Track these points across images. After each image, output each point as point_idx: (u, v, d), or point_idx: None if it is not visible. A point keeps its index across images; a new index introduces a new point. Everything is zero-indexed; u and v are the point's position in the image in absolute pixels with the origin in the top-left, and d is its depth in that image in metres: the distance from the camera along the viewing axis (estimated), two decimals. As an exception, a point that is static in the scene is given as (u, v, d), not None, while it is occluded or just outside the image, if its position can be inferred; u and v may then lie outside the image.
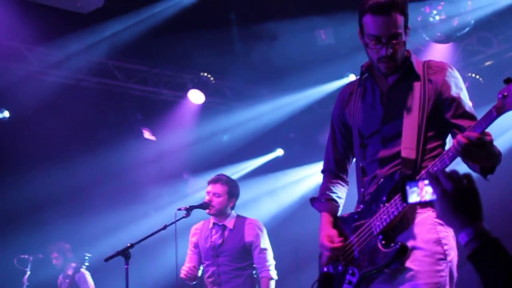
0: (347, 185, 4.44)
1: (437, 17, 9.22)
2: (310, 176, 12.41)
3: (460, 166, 3.13)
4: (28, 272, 9.41)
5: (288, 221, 11.94)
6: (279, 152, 12.84)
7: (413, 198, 2.62)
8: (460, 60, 10.61)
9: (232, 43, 10.70)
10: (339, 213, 4.31)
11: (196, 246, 6.99)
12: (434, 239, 3.74)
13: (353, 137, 4.21)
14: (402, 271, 3.73)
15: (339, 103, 4.33)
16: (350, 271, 3.96)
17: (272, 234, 7.21)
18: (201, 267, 6.93)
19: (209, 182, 6.91)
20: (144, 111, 11.66)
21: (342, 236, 4.08)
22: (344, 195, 4.40)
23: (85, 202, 11.29)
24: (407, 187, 2.61)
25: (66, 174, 10.82)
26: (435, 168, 3.52)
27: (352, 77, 11.37)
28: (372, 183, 4.01)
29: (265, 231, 6.84)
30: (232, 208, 6.93)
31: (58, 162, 10.82)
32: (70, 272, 9.84)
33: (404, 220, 3.75)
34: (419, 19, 9.32)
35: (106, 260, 6.19)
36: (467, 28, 9.28)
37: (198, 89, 11.27)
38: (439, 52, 10.34)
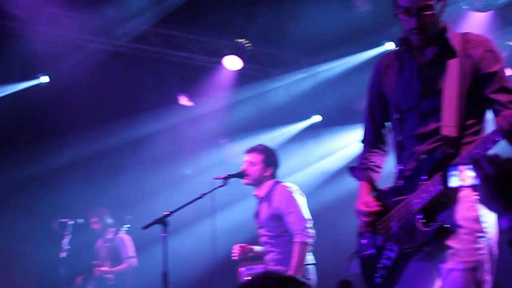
0: (387, 154, 4.41)
1: (477, -14, 9.11)
2: (348, 143, 12.39)
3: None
4: (69, 236, 9.48)
5: (326, 189, 11.93)
6: (316, 118, 12.77)
7: (454, 182, 2.60)
8: (500, 28, 10.45)
9: (269, 9, 10.63)
10: (378, 182, 4.29)
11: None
12: (474, 216, 3.71)
13: (390, 110, 4.18)
14: (442, 249, 3.72)
15: (375, 74, 4.28)
16: (389, 247, 3.95)
17: (310, 203, 7.14)
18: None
19: (246, 152, 6.85)
20: (181, 77, 11.65)
21: (379, 211, 4.07)
22: (383, 164, 4.37)
23: (124, 166, 11.41)
24: (448, 171, 2.59)
25: (104, 139, 10.91)
26: (477, 151, 3.42)
27: (388, 46, 11.28)
28: (411, 158, 3.96)
29: (289, 193, 6.52)
30: (271, 176, 6.80)
31: (96, 127, 10.93)
32: (109, 236, 9.95)
33: (445, 198, 3.68)
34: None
35: (144, 228, 6.22)
36: (507, -4, 9.14)
37: (234, 55, 11.22)
38: (478, 20, 10.20)
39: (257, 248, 6.84)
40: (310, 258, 6.55)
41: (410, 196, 3.81)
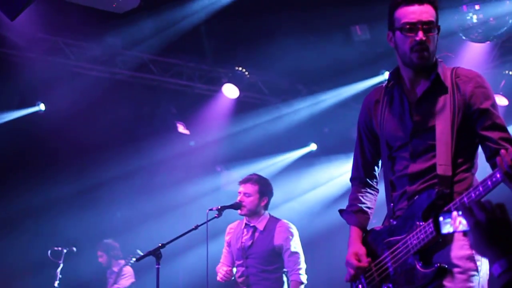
0: (377, 192, 4.36)
1: (474, 17, 9.14)
2: (344, 172, 12.39)
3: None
4: (61, 265, 9.50)
5: (321, 216, 11.92)
6: (313, 147, 12.80)
7: (446, 229, 2.62)
8: (497, 58, 10.51)
9: (268, 38, 10.67)
10: (368, 224, 4.26)
11: (229, 245, 6.97)
12: (467, 255, 3.71)
13: (380, 148, 4.16)
14: None
15: (365, 110, 4.25)
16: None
17: (304, 230, 7.16)
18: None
19: (240, 183, 6.88)
20: (179, 105, 11.69)
21: (372, 252, 4.06)
22: (374, 204, 4.33)
23: (118, 195, 11.40)
24: (440, 218, 2.61)
25: (100, 167, 10.93)
26: (470, 196, 3.45)
27: (387, 75, 11.31)
28: (402, 198, 3.96)
29: (296, 234, 6.70)
30: (265, 208, 6.83)
31: (92, 155, 10.94)
32: (115, 269, 10.00)
33: (441, 239, 3.70)
34: (456, 18, 9.25)
35: (138, 260, 6.27)
36: (505, 28, 9.17)
37: (232, 83, 11.26)
38: (476, 51, 10.26)
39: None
40: None
41: (407, 237, 3.80)
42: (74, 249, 9.74)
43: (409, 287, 3.77)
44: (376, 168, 4.34)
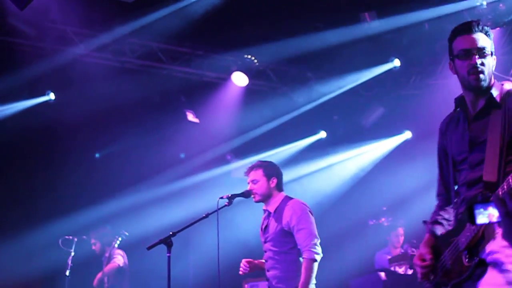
0: None
1: (484, 3, 9.14)
2: (352, 158, 12.43)
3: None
4: (72, 253, 9.55)
5: (331, 203, 11.95)
6: (322, 134, 12.80)
7: (480, 219, 2.68)
8: (507, 44, 10.49)
9: (277, 25, 10.66)
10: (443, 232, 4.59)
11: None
12: (507, 248, 3.91)
13: (449, 164, 4.57)
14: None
15: (440, 134, 4.71)
16: (444, 281, 4.31)
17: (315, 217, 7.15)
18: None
19: (245, 174, 6.90)
20: (188, 93, 11.69)
21: (439, 253, 4.43)
22: (452, 216, 4.68)
23: (128, 184, 11.42)
24: (476, 210, 2.67)
25: (110, 156, 10.96)
26: (502, 191, 3.65)
27: (396, 62, 11.33)
28: (462, 204, 4.32)
29: (304, 210, 6.58)
30: (278, 188, 6.81)
31: (101, 144, 10.96)
32: (107, 255, 10.01)
33: (485, 236, 3.94)
34: (465, 4, 9.24)
35: (149, 248, 6.23)
36: (515, 13, 9.17)
37: (241, 71, 11.26)
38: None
39: (263, 263, 6.85)
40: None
41: (459, 237, 4.15)
42: (85, 237, 9.79)
43: (458, 279, 4.14)
44: (455, 186, 4.69)
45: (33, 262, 10.88)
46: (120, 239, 9.94)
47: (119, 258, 9.97)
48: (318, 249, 6.44)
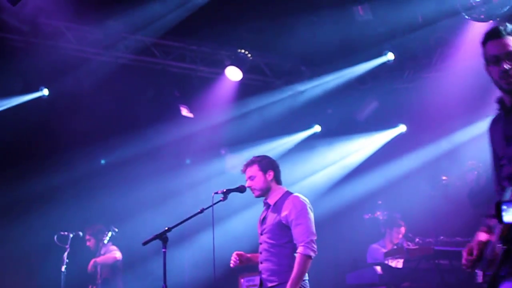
0: None
1: (477, -4, 9.13)
2: (348, 153, 12.42)
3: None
4: (68, 249, 9.54)
5: (325, 197, 11.95)
6: (317, 128, 12.80)
7: (507, 217, 2.70)
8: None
9: (270, 19, 10.64)
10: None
11: None
12: None
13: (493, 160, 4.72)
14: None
15: (488, 132, 4.79)
16: (489, 271, 4.38)
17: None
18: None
19: (242, 171, 6.89)
20: (182, 88, 11.67)
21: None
22: None
23: (123, 178, 11.40)
24: (503, 207, 2.69)
25: (104, 151, 10.94)
26: None
27: (390, 56, 11.33)
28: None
29: (304, 206, 6.58)
30: (277, 181, 6.80)
31: (96, 139, 10.94)
32: (102, 252, 9.99)
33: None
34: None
35: (144, 243, 6.22)
36: (508, 7, 9.15)
37: (235, 65, 11.25)
38: (479, 30, 10.22)
39: (255, 256, 6.83)
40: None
41: (497, 228, 4.24)
42: (80, 233, 9.78)
43: (495, 269, 4.24)
44: None
45: (29, 258, 10.89)
46: (110, 234, 9.91)
47: (118, 253, 9.96)
48: (314, 246, 6.41)
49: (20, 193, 10.68)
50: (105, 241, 9.90)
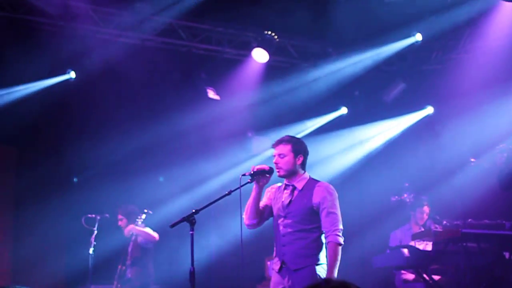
0: None
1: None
2: (374, 135, 12.37)
3: None
4: (95, 232, 9.59)
5: (352, 181, 11.92)
6: (343, 110, 12.75)
7: None
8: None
9: (297, 1, 10.59)
10: None
11: (269, 201, 6.91)
12: None
13: None
14: None
15: None
16: None
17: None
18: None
19: (273, 146, 6.83)
20: (208, 70, 11.66)
21: None
22: None
23: (150, 161, 11.46)
24: None
25: (131, 134, 10.96)
26: None
27: (418, 36, 11.25)
28: None
29: (335, 195, 6.61)
30: (303, 167, 6.77)
31: (123, 122, 10.97)
32: (134, 231, 9.99)
33: None
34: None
35: (172, 226, 6.21)
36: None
37: (262, 47, 11.22)
38: (507, 10, 10.15)
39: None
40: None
41: None
42: (108, 216, 9.81)
43: None
44: None
45: (57, 241, 10.98)
46: (143, 216, 9.88)
47: (156, 234, 9.96)
48: (342, 235, 6.46)
49: (46, 175, 10.76)
50: (139, 222, 9.87)
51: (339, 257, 6.37)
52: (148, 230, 9.81)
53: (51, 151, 11.04)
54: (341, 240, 6.41)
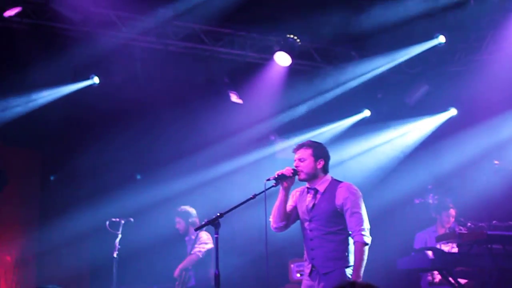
0: None
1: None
2: (397, 137, 12.35)
3: None
4: (120, 235, 9.63)
5: (375, 183, 11.89)
6: (366, 113, 12.72)
7: None
8: None
9: (319, 4, 10.59)
10: None
11: (295, 203, 6.92)
12: None
13: None
14: None
15: None
16: None
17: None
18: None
19: (294, 150, 6.86)
20: (231, 74, 11.69)
21: None
22: None
23: (174, 166, 11.48)
24: None
25: (155, 139, 11.01)
26: None
27: (441, 38, 11.22)
28: None
29: (358, 194, 6.62)
30: (324, 171, 6.79)
31: (146, 128, 11.03)
32: (193, 236, 10.03)
33: None
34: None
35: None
36: None
37: (284, 51, 11.22)
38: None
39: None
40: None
41: None
42: (132, 219, 9.84)
43: None
44: None
45: (81, 244, 11.04)
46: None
47: (201, 248, 9.89)
48: (369, 234, 6.45)
49: (70, 179, 10.84)
50: (196, 223, 9.92)
51: (365, 257, 6.38)
52: (195, 250, 9.86)
53: (74, 156, 11.10)
54: (368, 239, 6.41)
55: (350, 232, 6.47)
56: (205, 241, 9.88)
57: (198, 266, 9.83)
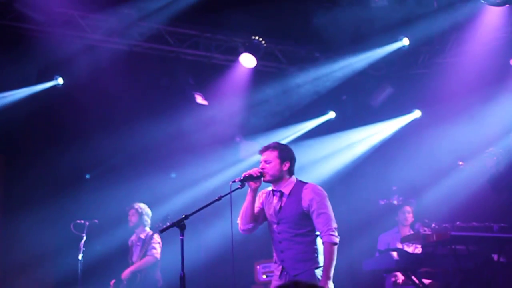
0: None
1: (493, -21, 9.08)
2: (362, 138, 12.40)
3: None
4: (84, 237, 9.55)
5: (340, 185, 11.94)
6: (331, 114, 12.77)
7: None
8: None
9: (284, 6, 10.61)
10: None
11: (262, 205, 6.91)
12: None
13: None
14: None
15: None
16: None
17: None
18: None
19: (260, 152, 6.86)
20: (196, 75, 11.67)
21: None
22: None
23: (137, 167, 11.43)
24: None
25: (117, 139, 10.94)
26: None
27: (405, 41, 11.30)
28: None
29: (323, 194, 6.62)
30: (290, 173, 6.80)
31: (110, 128, 10.95)
32: (143, 236, 9.96)
33: None
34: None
35: (162, 231, 6.25)
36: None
37: (249, 52, 11.23)
38: (494, 14, 10.20)
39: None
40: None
41: None
42: (96, 221, 9.77)
43: None
44: None
45: (46, 247, 10.93)
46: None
47: (157, 250, 9.85)
48: (337, 234, 6.46)
49: (34, 181, 10.73)
50: (149, 221, 9.90)
51: (334, 257, 6.38)
52: (146, 257, 9.79)
53: (38, 158, 10.99)
54: (336, 239, 6.42)
55: (318, 233, 6.48)
56: (158, 241, 9.85)
57: (150, 268, 9.78)
